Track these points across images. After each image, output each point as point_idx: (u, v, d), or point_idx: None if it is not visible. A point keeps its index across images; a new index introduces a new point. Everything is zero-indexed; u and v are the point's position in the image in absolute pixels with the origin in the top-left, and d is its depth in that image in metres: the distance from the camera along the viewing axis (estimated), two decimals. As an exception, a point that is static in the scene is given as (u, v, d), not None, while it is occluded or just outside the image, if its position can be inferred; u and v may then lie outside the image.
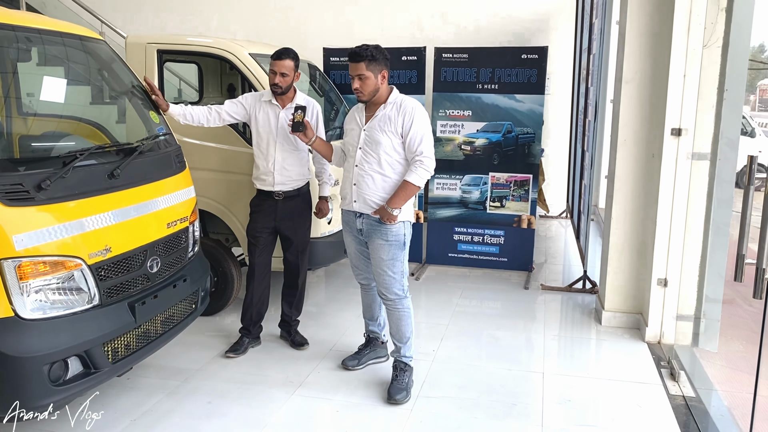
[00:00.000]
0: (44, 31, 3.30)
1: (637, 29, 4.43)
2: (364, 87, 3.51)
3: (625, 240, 4.70)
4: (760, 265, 2.42)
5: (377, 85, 3.54)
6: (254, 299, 4.26)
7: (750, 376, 4.38)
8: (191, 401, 3.63)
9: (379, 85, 3.55)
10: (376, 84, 3.53)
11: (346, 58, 6.21)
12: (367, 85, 3.51)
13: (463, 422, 3.41)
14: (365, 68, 3.47)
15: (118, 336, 2.94)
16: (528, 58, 5.80)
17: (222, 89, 6.19)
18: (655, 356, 4.24)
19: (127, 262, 3.03)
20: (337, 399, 3.67)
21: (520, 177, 5.98)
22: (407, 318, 3.76)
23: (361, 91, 3.52)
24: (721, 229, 4.21)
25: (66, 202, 2.77)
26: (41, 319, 2.63)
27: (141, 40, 4.77)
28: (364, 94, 3.53)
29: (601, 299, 4.91)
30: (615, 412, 3.54)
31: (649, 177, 4.53)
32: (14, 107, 3.36)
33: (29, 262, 2.58)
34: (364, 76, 3.49)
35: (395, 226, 3.60)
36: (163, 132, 3.70)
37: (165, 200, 3.38)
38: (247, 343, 4.29)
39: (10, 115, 3.34)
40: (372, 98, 3.57)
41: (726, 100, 4.05)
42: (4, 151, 2.87)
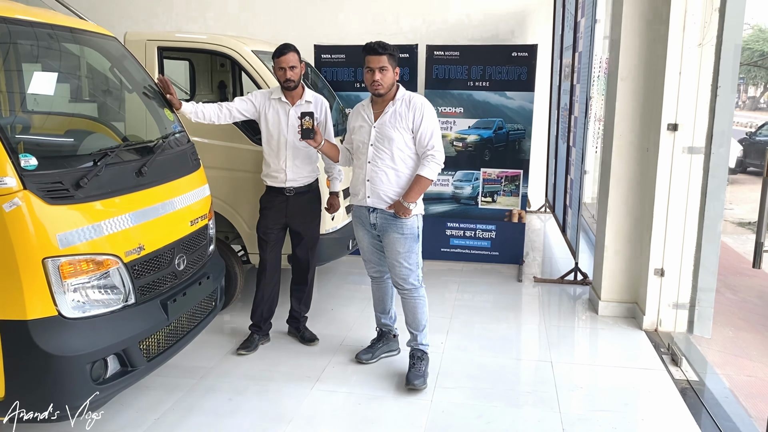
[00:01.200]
0: (56, 27, 3.26)
1: (632, 29, 4.59)
2: (384, 79, 3.59)
3: (621, 232, 4.86)
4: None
5: (393, 79, 3.63)
6: (265, 296, 4.27)
7: (744, 360, 4.62)
8: (211, 399, 3.63)
9: (395, 80, 3.64)
10: (393, 78, 3.63)
11: (340, 55, 6.32)
12: (386, 78, 3.59)
13: (484, 411, 3.50)
14: (387, 61, 3.57)
15: (153, 334, 2.94)
16: (518, 55, 5.93)
17: (212, 87, 6.15)
18: (654, 343, 4.41)
19: (158, 260, 3.03)
20: (356, 392, 3.72)
21: (511, 172, 6.12)
22: (422, 306, 3.85)
23: (380, 84, 3.59)
24: (713, 221, 4.40)
25: (101, 200, 2.75)
26: (83, 317, 2.62)
27: (141, 36, 4.72)
28: (384, 87, 3.60)
29: (597, 290, 5.07)
30: (626, 398, 3.68)
31: (644, 171, 4.70)
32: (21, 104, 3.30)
33: (71, 260, 2.56)
34: (386, 68, 3.57)
35: (410, 219, 3.69)
36: (178, 129, 3.69)
37: (187, 198, 3.38)
38: (258, 339, 4.30)
39: (26, 111, 3.30)
40: (388, 91, 3.65)
41: (719, 97, 4.24)
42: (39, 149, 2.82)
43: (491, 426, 3.35)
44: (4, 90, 3.04)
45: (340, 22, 8.42)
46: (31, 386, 2.56)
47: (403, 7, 8.36)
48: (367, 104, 3.77)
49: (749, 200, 11.68)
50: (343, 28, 8.35)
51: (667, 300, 4.58)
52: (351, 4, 8.48)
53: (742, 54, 4.14)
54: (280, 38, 4.49)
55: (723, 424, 3.36)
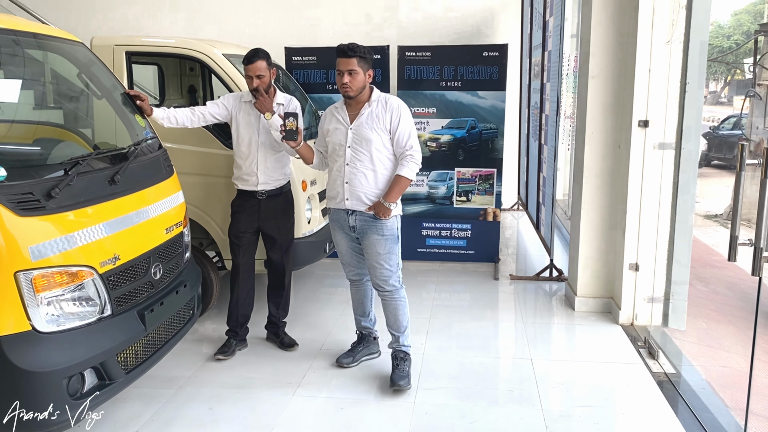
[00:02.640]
0: (20, 33, 3.17)
1: (602, 27, 4.64)
2: (353, 82, 3.56)
3: (595, 228, 4.91)
4: (757, 245, 2.63)
5: (365, 82, 3.61)
6: (240, 300, 4.23)
7: (718, 351, 4.70)
8: (191, 408, 3.57)
9: (366, 83, 3.62)
10: (364, 81, 3.60)
11: (311, 57, 6.28)
12: (356, 80, 3.56)
13: (467, 410, 3.50)
14: (356, 64, 3.54)
15: (130, 345, 2.88)
16: (489, 55, 5.96)
17: (182, 91, 6.07)
18: (630, 337, 4.46)
19: (134, 270, 2.97)
20: (338, 396, 3.70)
21: (485, 171, 6.15)
22: (403, 308, 3.85)
23: (349, 86, 3.56)
24: (685, 214, 4.47)
25: (73, 210, 2.68)
26: (58, 331, 2.55)
27: (108, 41, 4.62)
28: (353, 90, 3.58)
29: (572, 286, 5.12)
30: (607, 392, 3.72)
31: (616, 167, 4.75)
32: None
33: (44, 273, 2.49)
34: (355, 72, 3.55)
35: (389, 220, 3.68)
36: (150, 136, 3.62)
37: (161, 205, 3.31)
38: (235, 345, 4.26)
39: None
40: (358, 95, 3.62)
41: (688, 93, 4.31)
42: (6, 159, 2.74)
43: (475, 426, 3.35)
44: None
45: (311, 24, 8.38)
46: (5, 404, 2.47)
47: (374, 8, 8.35)
48: (340, 106, 3.75)
49: (715, 193, 11.93)
50: (316, 30, 8.31)
51: (642, 294, 4.64)
52: (323, 4, 8.44)
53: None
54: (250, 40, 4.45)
55: (701, 415, 3.41)
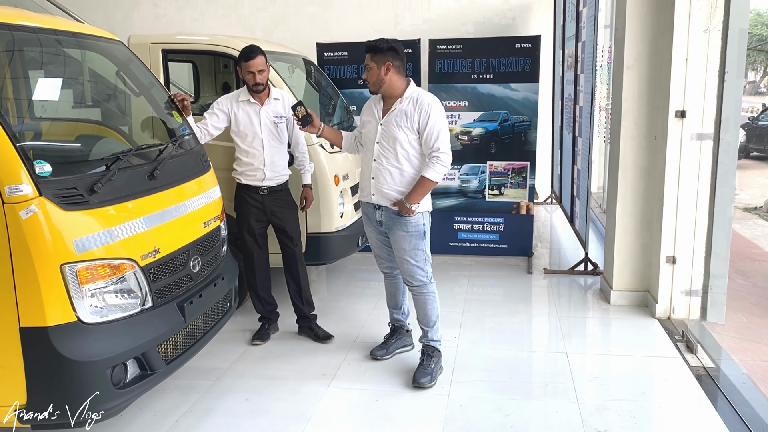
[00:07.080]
0: (60, 32, 3.25)
1: (637, 17, 4.57)
2: (368, 77, 3.65)
3: (631, 220, 4.85)
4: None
5: (380, 76, 3.60)
6: (257, 282, 4.36)
7: (759, 345, 4.61)
8: (228, 399, 3.63)
9: (383, 77, 3.60)
10: (379, 75, 3.60)
11: (343, 53, 6.32)
12: (370, 75, 3.63)
13: (502, 403, 3.50)
14: (370, 59, 3.61)
15: (171, 337, 2.94)
16: (521, 47, 5.91)
17: (216, 88, 6.14)
18: (667, 331, 4.40)
19: (173, 263, 3.03)
20: (373, 388, 3.72)
21: (518, 164, 6.11)
22: (433, 302, 3.84)
23: (368, 81, 3.66)
24: (723, 206, 4.39)
25: (116, 204, 2.75)
26: (101, 322, 2.62)
27: (144, 40, 4.71)
28: (370, 84, 3.67)
29: (608, 279, 5.07)
30: (644, 386, 3.68)
31: (653, 159, 4.69)
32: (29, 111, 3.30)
33: (88, 266, 2.56)
34: (368, 67, 3.62)
35: (414, 217, 3.67)
36: (187, 132, 3.68)
37: (199, 200, 3.37)
38: (268, 328, 4.43)
39: (34, 118, 3.30)
40: (378, 89, 3.65)
41: (726, 83, 4.22)
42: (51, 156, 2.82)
43: (510, 419, 3.35)
44: (12, 97, 3.03)
45: (341, 19, 8.40)
46: (52, 392, 2.56)
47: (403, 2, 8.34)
48: (378, 99, 3.77)
49: (754, 185, 11.65)
50: (346, 25, 8.33)
51: (679, 287, 4.58)
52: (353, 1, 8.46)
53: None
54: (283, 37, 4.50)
55: (742, 409, 3.36)
